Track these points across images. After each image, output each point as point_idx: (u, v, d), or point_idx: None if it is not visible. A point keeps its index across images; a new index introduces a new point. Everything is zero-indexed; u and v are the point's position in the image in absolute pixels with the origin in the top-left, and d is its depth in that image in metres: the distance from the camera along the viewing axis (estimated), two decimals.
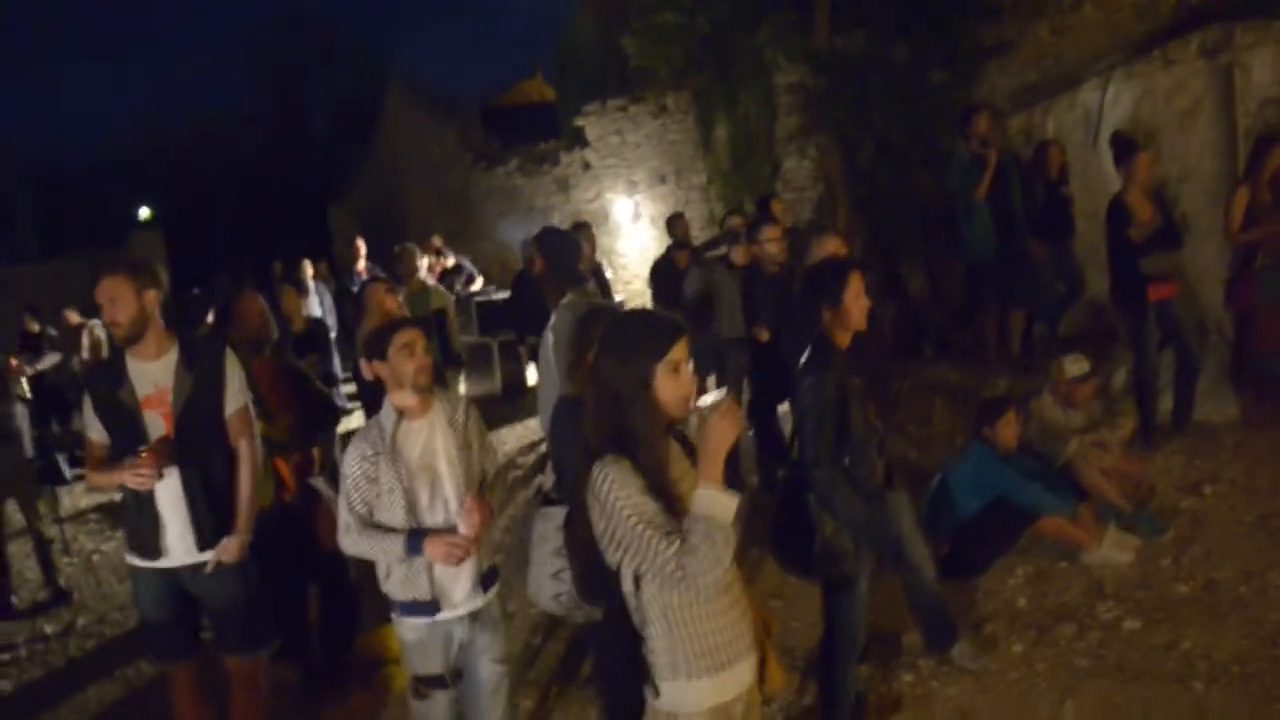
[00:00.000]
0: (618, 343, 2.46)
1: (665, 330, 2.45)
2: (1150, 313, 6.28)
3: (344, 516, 3.33)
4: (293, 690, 4.98)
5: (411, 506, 3.29)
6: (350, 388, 9.72)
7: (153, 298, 3.74)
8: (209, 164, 25.52)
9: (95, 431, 3.79)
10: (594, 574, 2.52)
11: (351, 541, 3.32)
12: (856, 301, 3.68)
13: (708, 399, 2.40)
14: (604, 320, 3.58)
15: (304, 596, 4.98)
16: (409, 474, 3.30)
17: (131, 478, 3.61)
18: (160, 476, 3.65)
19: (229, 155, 26.37)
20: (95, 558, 7.86)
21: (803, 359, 3.74)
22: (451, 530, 3.31)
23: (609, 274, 11.26)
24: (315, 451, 4.97)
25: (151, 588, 3.85)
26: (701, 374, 8.04)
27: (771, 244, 5.93)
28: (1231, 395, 6.61)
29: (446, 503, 3.36)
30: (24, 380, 6.88)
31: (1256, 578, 4.67)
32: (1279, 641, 4.13)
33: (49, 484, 7.01)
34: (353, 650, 5.02)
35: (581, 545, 2.49)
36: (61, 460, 7.01)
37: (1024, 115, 8.66)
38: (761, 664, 2.63)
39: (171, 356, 3.79)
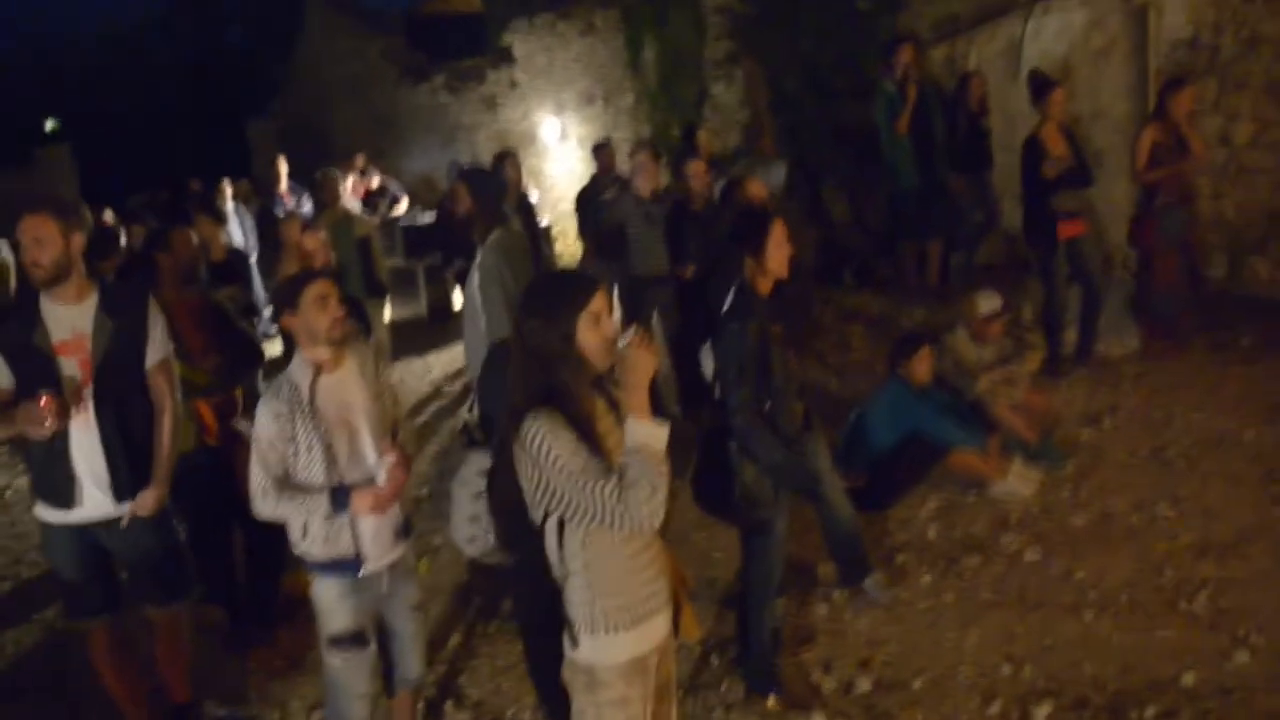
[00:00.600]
0: (537, 301, 2.50)
1: (582, 284, 2.51)
2: (1060, 249, 6.47)
3: (258, 479, 3.24)
4: (219, 632, 5.02)
5: (332, 462, 3.25)
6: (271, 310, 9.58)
7: (79, 240, 3.62)
8: (119, 73, 24.43)
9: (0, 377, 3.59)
10: (516, 527, 2.59)
11: (270, 505, 3.25)
12: (778, 250, 3.74)
13: (622, 338, 2.45)
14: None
15: (228, 538, 4.97)
16: (328, 429, 3.25)
17: (27, 425, 3.44)
18: (59, 425, 3.49)
19: (140, 63, 25.27)
20: (8, 493, 7.73)
21: (724, 305, 3.81)
22: (371, 482, 3.31)
23: (535, 197, 11.19)
24: (238, 392, 4.93)
25: (64, 542, 3.74)
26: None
27: (696, 179, 5.94)
28: (1134, 328, 6.87)
29: (364, 456, 3.34)
30: None
31: (1147, 508, 4.94)
32: (1164, 571, 4.40)
33: None
34: (278, 590, 5.06)
35: (505, 498, 2.55)
36: None
37: (947, 45, 8.73)
38: (676, 614, 2.73)
39: (91, 301, 3.67)
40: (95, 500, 3.70)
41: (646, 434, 2.39)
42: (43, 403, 3.42)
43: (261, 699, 4.48)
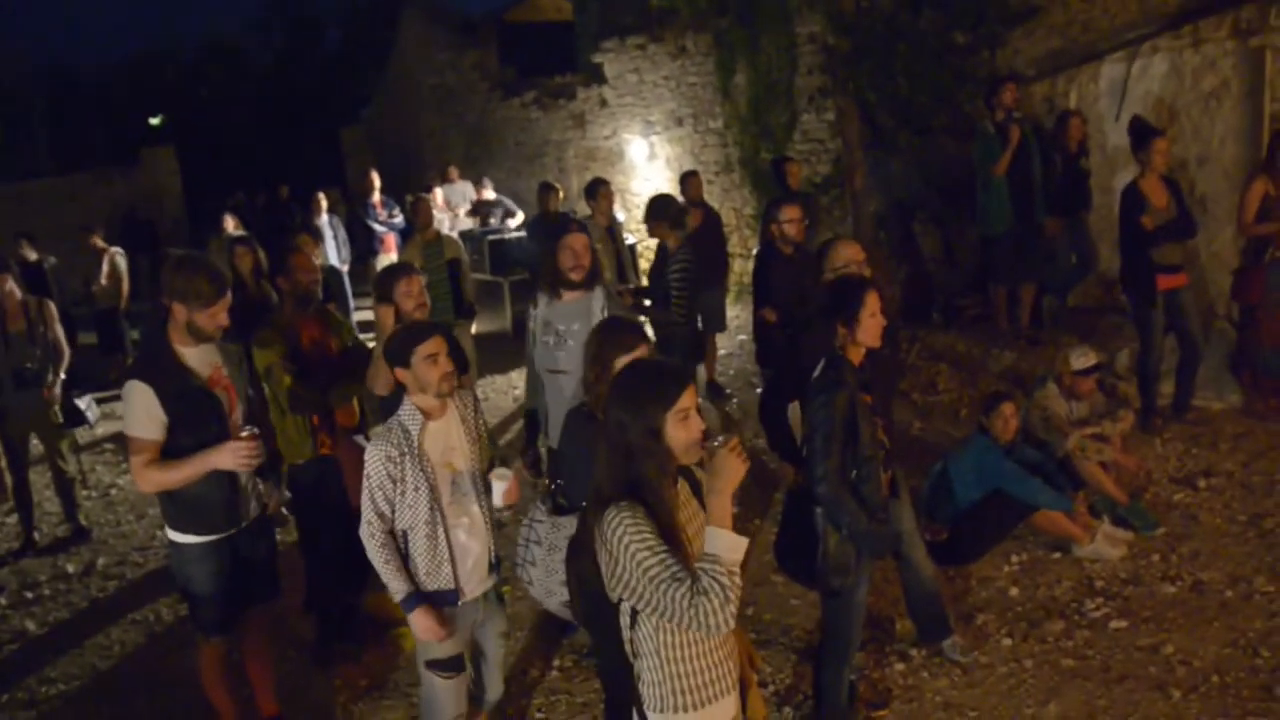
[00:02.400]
0: (627, 395, 2.52)
1: (673, 379, 2.52)
2: (1158, 300, 6.34)
3: (368, 513, 3.46)
4: (307, 646, 5.19)
5: (435, 502, 3.46)
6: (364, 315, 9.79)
7: None
8: (220, 76, 25.22)
9: (150, 428, 3.68)
10: (593, 605, 2.65)
11: (372, 549, 3.46)
12: (871, 321, 3.73)
13: (716, 439, 2.47)
14: (625, 336, 3.66)
15: (334, 548, 4.95)
16: (433, 471, 3.46)
17: (237, 460, 3.68)
18: (261, 458, 3.76)
19: (241, 66, 26.06)
20: (113, 492, 8.05)
21: (816, 373, 3.82)
22: (471, 523, 3.54)
23: (622, 216, 11.28)
24: (356, 404, 5.10)
25: (214, 562, 3.93)
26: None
27: (790, 225, 5.92)
28: (1235, 384, 6.69)
29: (465, 497, 3.54)
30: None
31: (1244, 582, 4.82)
32: (1259, 652, 4.29)
33: (73, 426, 7.12)
34: (364, 609, 5.21)
35: (584, 578, 2.59)
36: (83, 402, 7.11)
37: (1047, 83, 8.58)
38: (743, 695, 2.76)
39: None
40: (245, 512, 4.01)
41: (726, 545, 2.40)
42: (248, 437, 3.70)
43: (346, 718, 4.60)
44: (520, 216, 13.04)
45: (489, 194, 13.56)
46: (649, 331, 3.98)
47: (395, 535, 3.49)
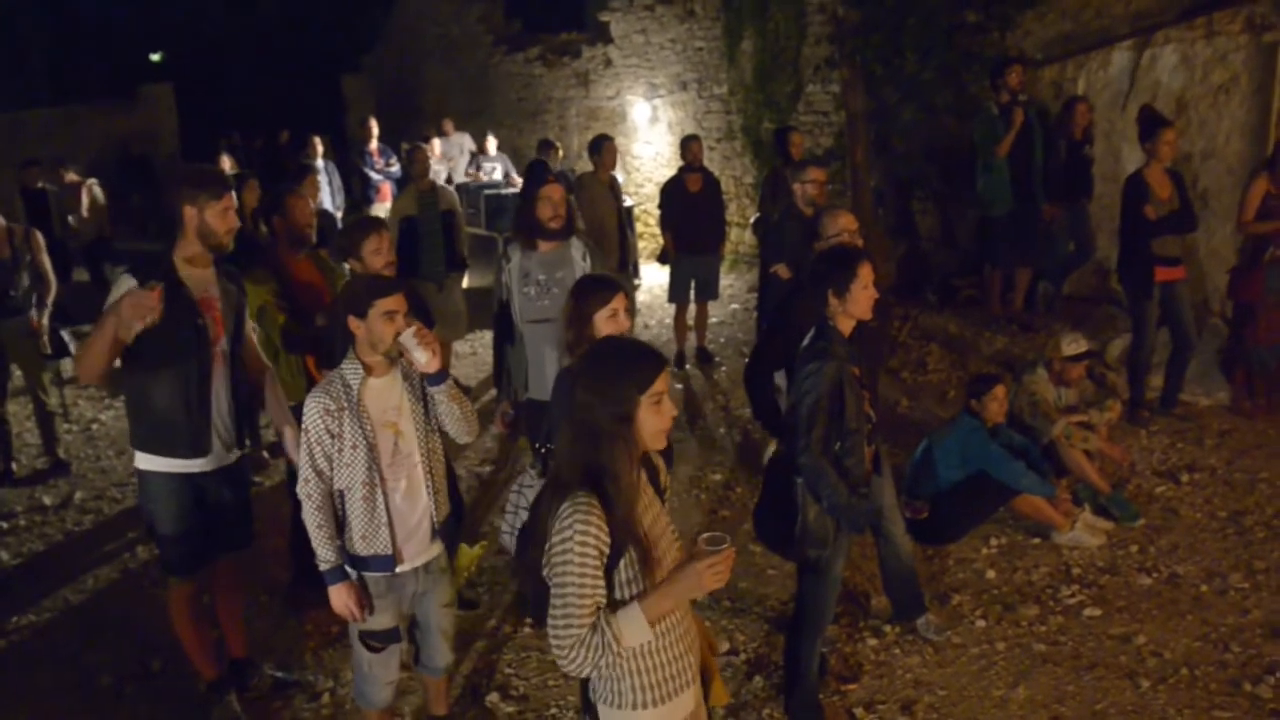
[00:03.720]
0: (598, 375, 2.37)
1: (648, 362, 2.37)
2: (1154, 292, 6.31)
3: (305, 469, 3.32)
4: (281, 590, 5.17)
5: (374, 462, 3.32)
6: None
7: None
8: (223, 16, 24.87)
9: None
10: (542, 593, 2.44)
11: (308, 510, 3.32)
12: (863, 293, 3.67)
13: (708, 536, 2.32)
14: (601, 291, 3.62)
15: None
16: (373, 430, 3.32)
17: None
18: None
19: (244, 7, 25.69)
20: (94, 427, 8.01)
21: (805, 342, 3.78)
22: (410, 483, 3.40)
23: (621, 177, 11.19)
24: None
25: (174, 493, 3.88)
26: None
27: (813, 186, 5.87)
28: (1223, 380, 6.69)
29: (407, 457, 3.40)
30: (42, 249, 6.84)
31: (1219, 578, 4.83)
32: (1230, 647, 4.30)
33: (57, 358, 7.06)
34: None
35: (533, 567, 2.45)
36: (67, 334, 7.04)
37: (1056, 67, 8.50)
38: (706, 684, 2.70)
39: (211, 269, 3.93)
40: (216, 450, 3.92)
41: (635, 630, 2.32)
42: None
43: (316, 665, 4.59)
44: (520, 184, 12.93)
45: (492, 149, 13.42)
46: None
47: (333, 497, 3.35)
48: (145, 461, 3.90)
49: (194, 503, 3.93)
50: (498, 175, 12.87)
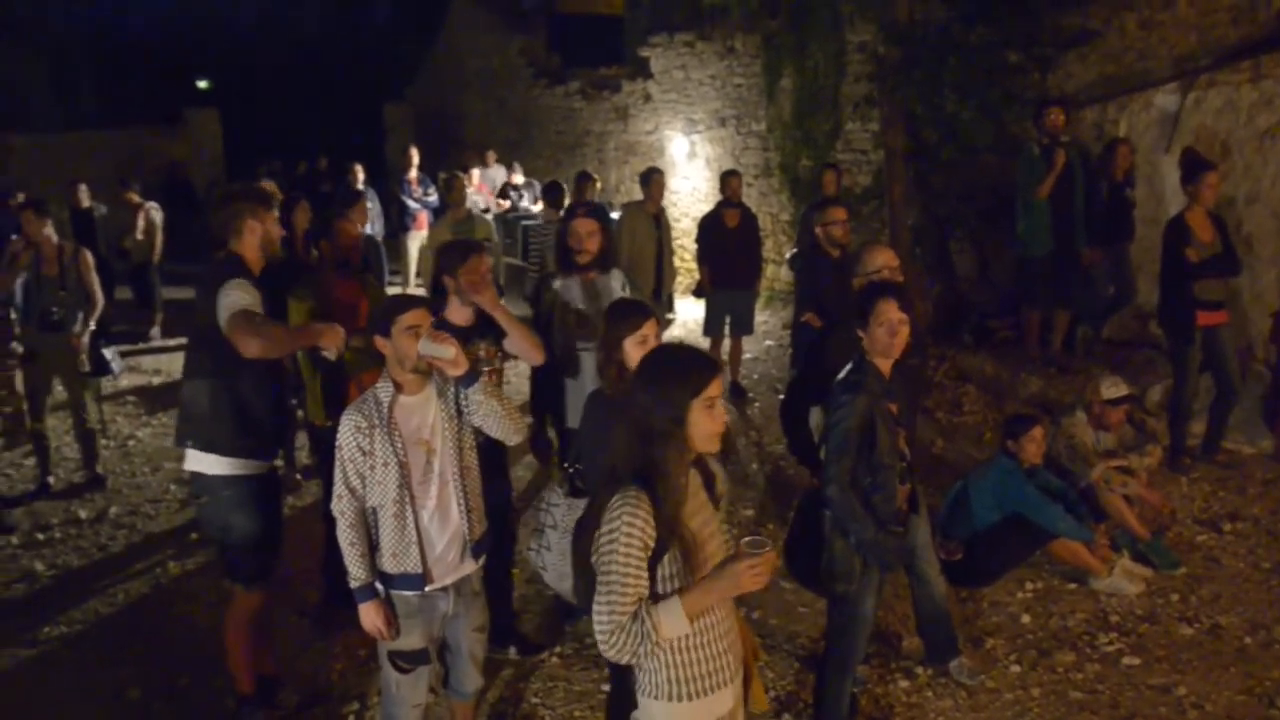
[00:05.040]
0: (654, 377, 2.49)
1: (702, 366, 2.49)
2: (1196, 337, 6.23)
3: (339, 487, 3.33)
4: (309, 610, 5.17)
5: (405, 480, 3.32)
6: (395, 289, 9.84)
7: None
8: (269, 45, 25.37)
9: (255, 302, 3.84)
10: (592, 586, 2.52)
11: (341, 527, 3.34)
12: (880, 330, 3.61)
13: (749, 540, 2.38)
14: (632, 317, 3.63)
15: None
16: (404, 447, 3.33)
17: (336, 340, 3.88)
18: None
19: (289, 34, 26.19)
20: (131, 443, 8.08)
21: (841, 375, 3.77)
22: (445, 512, 3.39)
23: None
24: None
25: (258, 499, 3.99)
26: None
27: (836, 227, 5.86)
28: (1266, 429, 6.58)
29: (439, 475, 3.39)
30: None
31: (1263, 630, 4.72)
32: (1275, 702, 4.19)
33: (98, 375, 7.15)
34: None
35: (584, 558, 2.53)
36: (109, 353, 7.13)
37: (1097, 109, 8.48)
38: (745, 685, 2.72)
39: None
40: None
41: (674, 622, 2.41)
42: (343, 330, 3.83)
43: (342, 686, 4.57)
44: (540, 207, 13.01)
45: (518, 178, 13.53)
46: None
47: (365, 515, 3.35)
48: (227, 466, 3.93)
49: (271, 508, 4.07)
50: (525, 204, 12.94)
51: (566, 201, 10.17)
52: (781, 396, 7.94)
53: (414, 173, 12.17)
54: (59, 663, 4.93)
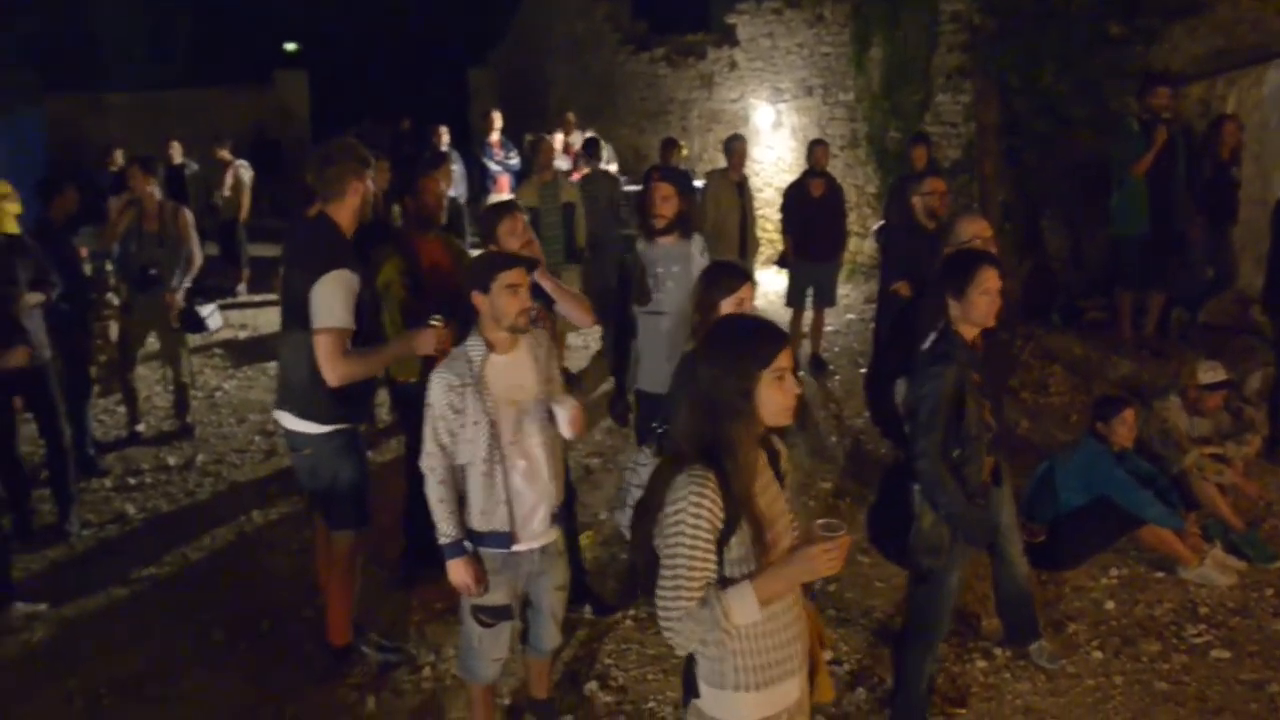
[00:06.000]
0: (720, 349, 2.37)
1: (772, 336, 2.37)
2: None
3: (429, 444, 3.35)
4: (389, 564, 5.26)
5: (495, 439, 3.33)
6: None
7: None
8: (356, 6, 25.60)
9: (348, 316, 3.83)
10: (652, 565, 2.43)
11: (430, 484, 3.36)
12: (982, 298, 3.56)
13: (824, 523, 2.31)
14: (727, 280, 3.61)
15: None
16: (494, 406, 3.33)
17: (436, 344, 3.81)
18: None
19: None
20: (218, 394, 8.29)
21: (925, 345, 3.70)
22: (530, 461, 3.41)
23: None
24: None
25: (359, 452, 4.17)
26: None
27: (933, 197, 5.74)
28: None
29: (529, 439, 3.40)
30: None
31: None
32: None
33: (192, 332, 7.33)
34: None
35: (646, 538, 2.45)
36: (209, 310, 7.32)
37: (1204, 84, 8.14)
38: (812, 676, 2.64)
39: None
40: None
41: (744, 608, 2.30)
42: (445, 327, 3.82)
43: (419, 639, 4.65)
44: (614, 169, 12.95)
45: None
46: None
47: (455, 472, 3.38)
48: (326, 427, 4.02)
49: (363, 458, 4.23)
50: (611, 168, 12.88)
51: (605, 157, 10.17)
52: (863, 370, 7.86)
53: (496, 136, 12.20)
54: (149, 602, 5.10)
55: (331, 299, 3.79)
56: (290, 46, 27.66)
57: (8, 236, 5.54)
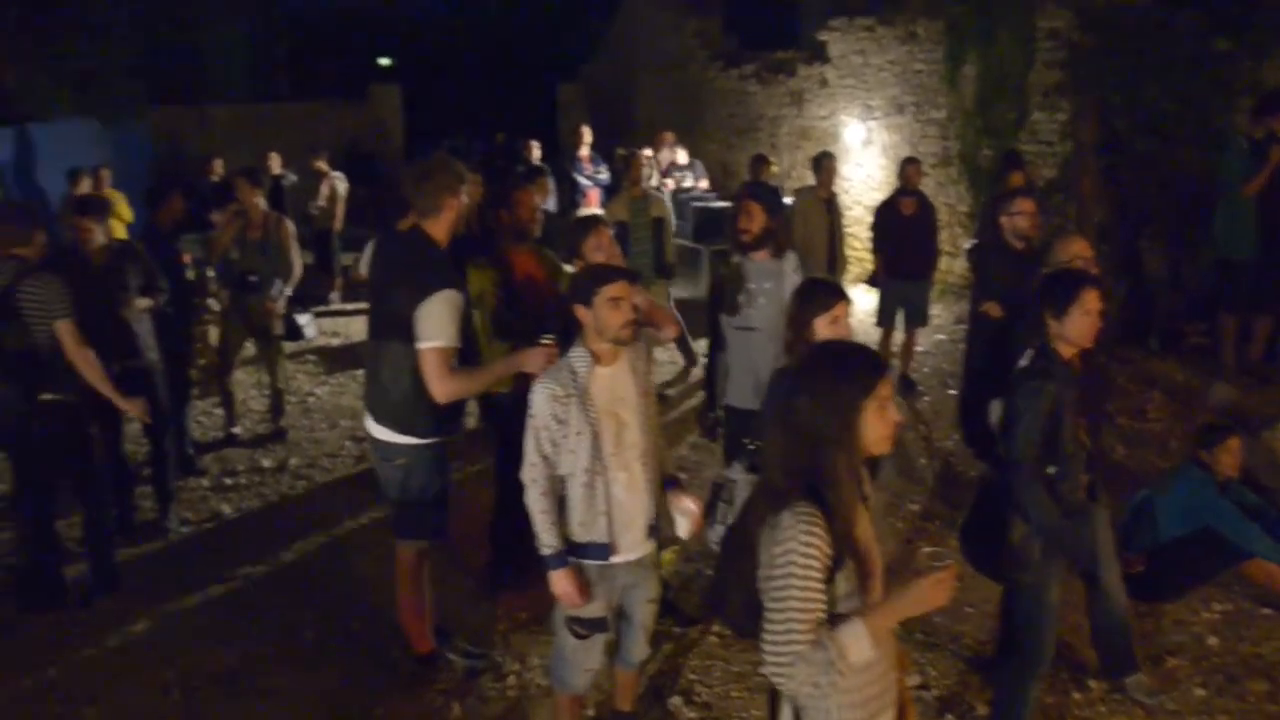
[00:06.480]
0: (819, 378, 2.29)
1: (872, 364, 2.32)
2: None
3: (531, 455, 3.37)
4: (473, 573, 5.31)
5: (597, 450, 3.34)
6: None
7: None
8: (449, 22, 26.16)
9: (455, 335, 3.89)
10: (749, 603, 2.38)
11: (532, 495, 3.38)
12: (1084, 318, 3.53)
13: (930, 552, 2.28)
14: (823, 296, 3.60)
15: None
16: (597, 418, 3.34)
17: (545, 362, 3.75)
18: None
19: (469, 14, 26.95)
20: (310, 399, 8.48)
21: (1023, 362, 3.66)
22: (630, 474, 3.41)
23: None
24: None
25: (445, 464, 4.23)
26: None
27: (1023, 217, 5.64)
28: None
29: (628, 451, 3.41)
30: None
31: None
32: None
33: (290, 339, 7.53)
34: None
35: (740, 576, 2.39)
36: (306, 319, 7.51)
37: None
38: (903, 708, 2.57)
39: None
40: None
41: (860, 648, 2.21)
42: (551, 344, 3.82)
43: (504, 647, 4.69)
44: (705, 184, 12.99)
45: (682, 158, 13.51)
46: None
47: (555, 483, 3.39)
48: (424, 440, 4.09)
49: (449, 469, 4.31)
50: (689, 183, 12.91)
51: (647, 173, 10.18)
52: (952, 392, 7.74)
53: (585, 150, 12.31)
54: (242, 599, 5.23)
55: (441, 317, 3.84)
56: (384, 62, 28.38)
57: (118, 242, 5.76)
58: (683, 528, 3.54)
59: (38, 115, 14.58)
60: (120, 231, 5.85)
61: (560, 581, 3.38)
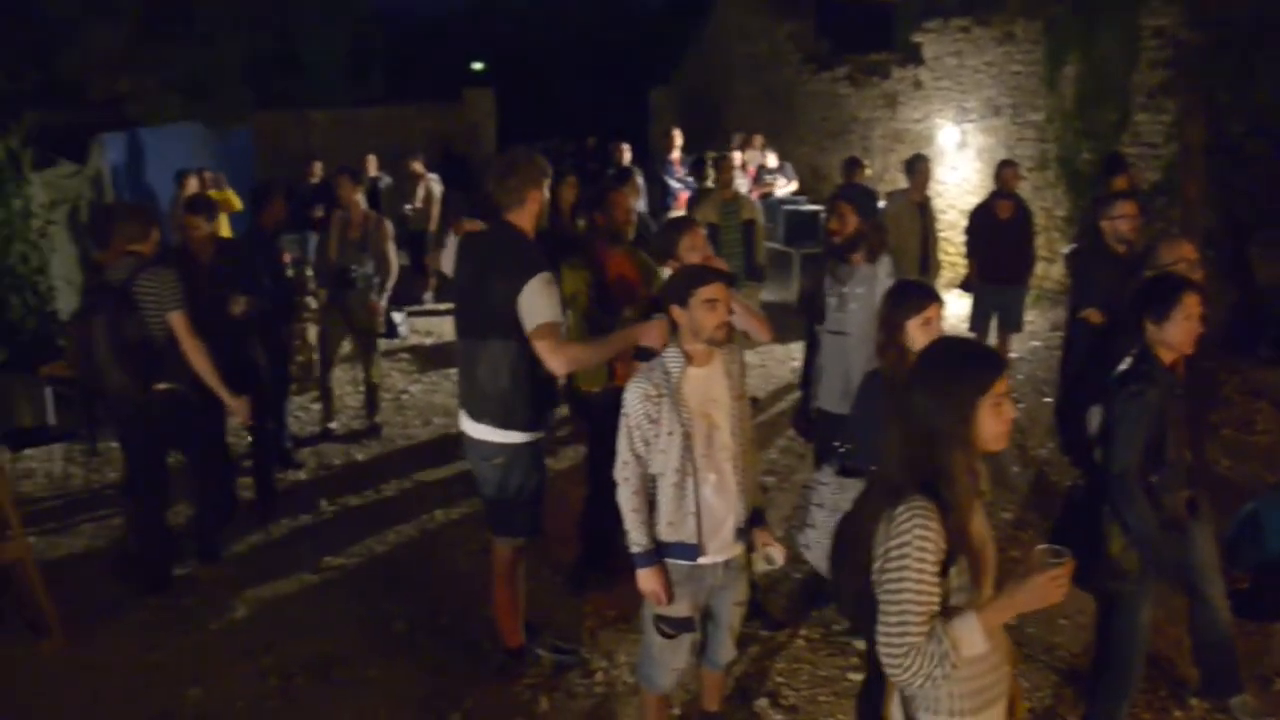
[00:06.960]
0: (936, 375, 2.33)
1: (989, 362, 2.35)
2: None
3: (624, 453, 3.39)
4: (562, 570, 5.37)
5: (688, 450, 3.34)
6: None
7: None
8: (542, 27, 26.46)
9: (558, 312, 4.03)
10: (861, 597, 2.43)
11: (624, 493, 3.40)
12: (1185, 323, 3.44)
13: (1047, 549, 2.28)
14: (915, 299, 3.56)
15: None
16: (689, 418, 3.35)
17: (652, 340, 3.83)
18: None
19: (562, 19, 27.21)
20: (404, 397, 8.67)
21: (1123, 366, 3.57)
22: (719, 474, 3.41)
23: None
24: None
25: (543, 463, 4.29)
26: None
27: (1124, 221, 5.49)
28: None
29: (719, 453, 3.40)
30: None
31: None
32: None
33: (387, 337, 7.70)
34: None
35: (853, 569, 2.43)
36: (400, 318, 7.69)
37: None
38: (1011, 704, 2.56)
39: None
40: None
41: (973, 640, 2.26)
42: (667, 321, 3.79)
43: (592, 644, 4.73)
44: (794, 185, 12.92)
45: (772, 161, 13.44)
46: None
47: (648, 482, 3.40)
48: (523, 437, 4.15)
49: (544, 467, 4.35)
50: (780, 187, 12.84)
51: (711, 175, 10.12)
52: (1047, 399, 7.57)
53: (677, 153, 12.34)
54: (337, 590, 5.37)
55: (542, 295, 3.92)
56: (478, 66, 28.82)
57: (224, 240, 5.96)
58: (761, 568, 3.56)
59: (147, 120, 15.15)
60: (226, 230, 6.04)
61: (648, 580, 3.40)
